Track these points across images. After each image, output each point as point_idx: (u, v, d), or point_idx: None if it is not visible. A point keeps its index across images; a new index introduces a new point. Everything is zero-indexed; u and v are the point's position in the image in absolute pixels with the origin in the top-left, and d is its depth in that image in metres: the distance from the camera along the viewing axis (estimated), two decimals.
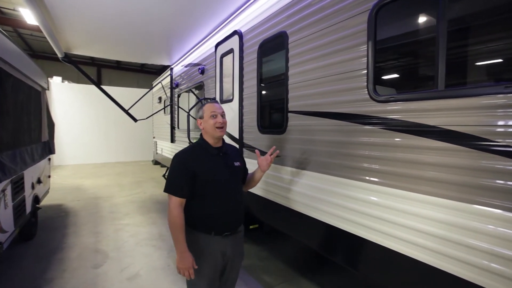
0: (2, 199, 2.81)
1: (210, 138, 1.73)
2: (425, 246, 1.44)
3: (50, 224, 4.71)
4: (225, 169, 1.72)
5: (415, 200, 1.48)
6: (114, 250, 3.71)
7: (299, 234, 2.47)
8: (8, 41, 3.23)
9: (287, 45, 2.40)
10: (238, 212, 1.76)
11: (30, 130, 4.03)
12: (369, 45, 1.70)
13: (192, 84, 4.69)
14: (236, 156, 1.87)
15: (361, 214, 1.79)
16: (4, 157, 2.87)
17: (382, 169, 1.65)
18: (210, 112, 1.72)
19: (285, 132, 2.44)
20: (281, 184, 2.54)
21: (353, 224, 1.85)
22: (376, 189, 1.68)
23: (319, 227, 2.16)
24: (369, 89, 1.71)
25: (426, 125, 1.43)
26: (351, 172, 1.85)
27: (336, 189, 1.98)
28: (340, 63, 1.92)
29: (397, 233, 1.57)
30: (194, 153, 1.70)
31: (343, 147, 1.92)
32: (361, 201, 1.79)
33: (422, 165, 1.45)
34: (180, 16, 3.49)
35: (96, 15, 3.51)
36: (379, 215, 1.66)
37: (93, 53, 5.46)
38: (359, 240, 1.80)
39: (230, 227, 1.70)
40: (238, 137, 3.15)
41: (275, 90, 2.69)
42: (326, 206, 2.07)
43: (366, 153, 1.75)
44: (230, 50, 3.33)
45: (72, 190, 7.26)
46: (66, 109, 11.75)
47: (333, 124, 1.98)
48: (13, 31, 11.87)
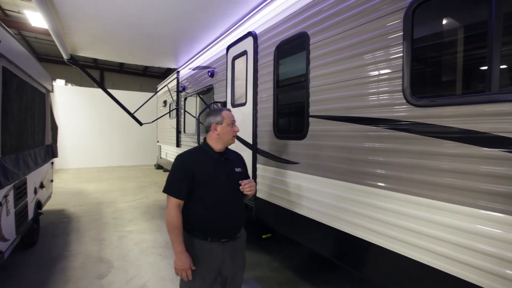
0: (4, 206, 2.66)
1: (218, 143, 1.75)
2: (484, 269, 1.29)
3: (52, 230, 4.56)
4: (225, 175, 1.71)
5: (464, 214, 1.34)
6: (119, 259, 3.55)
7: (319, 246, 2.33)
8: (14, 40, 3.12)
9: (308, 46, 2.29)
10: (237, 219, 1.74)
11: (34, 133, 3.91)
12: (405, 45, 1.58)
13: (200, 88, 4.58)
14: (238, 162, 1.86)
15: (397, 228, 1.64)
16: (7, 161, 2.74)
17: (422, 179, 1.51)
18: (230, 120, 1.75)
19: (306, 137, 2.31)
20: (299, 193, 2.40)
21: (387, 239, 1.70)
22: (415, 201, 1.54)
23: (343, 238, 2.02)
24: (405, 92, 1.58)
25: (475, 131, 1.30)
26: (384, 182, 1.71)
27: (364, 199, 1.83)
28: (370, 64, 1.79)
29: (449, 252, 1.43)
30: (196, 156, 1.72)
31: (371, 154, 1.79)
32: (395, 213, 1.65)
33: (469, 175, 1.32)
34: (190, 18, 3.39)
35: (103, 16, 3.42)
36: (419, 230, 1.52)
37: (98, 55, 5.36)
38: (395, 256, 1.65)
39: (228, 234, 1.69)
40: (252, 142, 3.01)
41: (294, 94, 2.57)
42: (352, 217, 1.93)
43: (401, 161, 1.61)
44: (243, 52, 3.22)
45: (75, 194, 7.10)
46: (69, 112, 11.66)
47: (361, 129, 1.84)
48: (18, 34, 11.83)
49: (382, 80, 1.72)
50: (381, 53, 1.72)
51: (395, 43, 1.63)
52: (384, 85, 1.71)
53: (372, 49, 1.78)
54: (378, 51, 1.74)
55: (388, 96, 1.68)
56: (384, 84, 1.71)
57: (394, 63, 1.64)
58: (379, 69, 1.74)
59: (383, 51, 1.71)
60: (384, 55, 1.70)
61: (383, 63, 1.71)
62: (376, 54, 1.76)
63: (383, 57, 1.71)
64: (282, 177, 2.59)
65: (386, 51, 1.69)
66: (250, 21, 3.12)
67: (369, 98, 1.80)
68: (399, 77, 1.61)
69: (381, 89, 1.72)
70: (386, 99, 1.70)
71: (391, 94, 1.67)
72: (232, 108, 3.46)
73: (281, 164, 2.61)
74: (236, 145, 3.35)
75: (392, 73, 1.66)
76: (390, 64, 1.67)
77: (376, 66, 1.76)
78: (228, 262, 1.71)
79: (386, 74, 1.70)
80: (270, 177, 2.77)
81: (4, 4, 9.85)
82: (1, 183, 2.53)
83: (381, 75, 1.72)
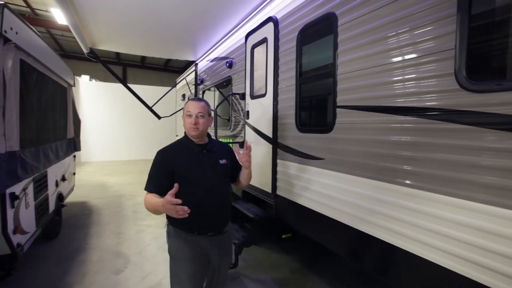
0: (23, 199, 2.66)
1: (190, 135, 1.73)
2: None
3: (74, 222, 4.64)
4: (207, 167, 1.69)
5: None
6: (136, 254, 3.51)
7: (345, 250, 2.10)
8: (34, 34, 3.10)
9: (336, 28, 2.03)
10: (222, 211, 1.74)
11: (55, 126, 3.94)
12: (460, 16, 1.30)
13: (218, 80, 4.42)
14: (223, 153, 1.81)
15: (440, 237, 1.39)
16: (26, 154, 2.73)
17: (476, 181, 1.24)
18: (186, 111, 1.70)
19: (332, 130, 2.07)
20: (324, 192, 2.18)
21: (431, 250, 1.45)
22: (470, 207, 1.28)
23: (373, 244, 1.78)
24: (457, 76, 1.31)
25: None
26: (429, 183, 1.45)
27: (403, 201, 1.58)
28: (410, 45, 1.52)
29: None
30: (175, 150, 1.71)
31: (411, 150, 1.53)
32: (442, 219, 1.39)
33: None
34: (208, 6, 3.22)
35: (120, 8, 3.33)
36: (479, 244, 1.25)
37: (117, 48, 5.34)
38: (441, 272, 1.40)
39: (214, 227, 1.69)
40: (272, 136, 2.81)
41: (319, 83, 2.33)
42: (385, 221, 1.69)
43: (451, 158, 1.35)
44: (263, 40, 3.00)
45: (97, 187, 7.28)
46: (93, 107, 12.01)
47: (400, 121, 1.58)
48: (46, 32, 12.31)
49: (426, 63, 1.45)
50: (426, 30, 1.44)
51: (447, 14, 1.35)
52: (429, 68, 1.44)
53: (414, 26, 1.51)
54: (421, 28, 1.47)
55: (435, 82, 1.41)
56: (429, 67, 1.44)
57: (444, 40, 1.37)
58: (422, 49, 1.46)
59: (430, 27, 1.43)
60: (431, 32, 1.42)
61: (428, 42, 1.44)
62: (419, 31, 1.48)
63: (428, 34, 1.43)
64: (305, 174, 2.38)
65: (433, 27, 1.41)
66: (271, 6, 2.89)
67: (409, 85, 1.53)
68: (450, 58, 1.34)
69: (425, 74, 1.45)
70: (431, 85, 1.43)
71: (439, 79, 1.39)
72: (251, 100, 3.26)
73: (304, 159, 2.39)
74: (254, 139, 3.17)
75: (440, 53, 1.38)
76: (438, 42, 1.39)
77: (417, 47, 1.49)
78: (215, 256, 1.72)
79: (431, 54, 1.42)
80: (291, 173, 2.56)
81: (34, 4, 10.24)
82: (19, 176, 2.51)
83: (425, 56, 1.45)
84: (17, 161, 2.49)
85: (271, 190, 2.87)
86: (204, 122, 1.69)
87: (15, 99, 2.48)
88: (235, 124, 3.80)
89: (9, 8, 2.34)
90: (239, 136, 3.66)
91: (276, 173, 2.80)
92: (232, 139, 3.90)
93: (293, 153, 2.53)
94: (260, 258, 3.45)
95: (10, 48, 2.39)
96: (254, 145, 3.23)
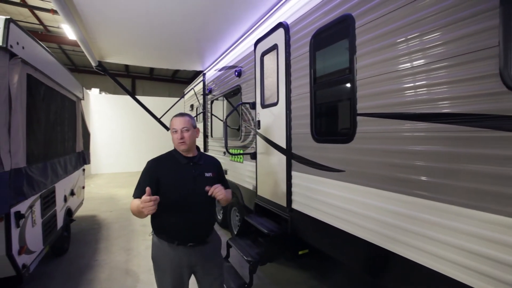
0: (29, 217, 2.57)
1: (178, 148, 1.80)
2: None
3: (83, 238, 4.55)
4: (191, 179, 1.74)
5: None
6: (145, 271, 3.37)
7: (370, 270, 1.91)
8: (41, 48, 3.08)
9: (354, 30, 1.90)
10: (203, 222, 1.78)
11: (64, 140, 3.89)
12: (503, 11, 1.15)
13: (227, 89, 4.33)
14: (210, 166, 1.87)
15: (487, 261, 1.21)
16: (33, 170, 2.66)
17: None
18: (172, 128, 1.79)
19: (353, 140, 1.92)
20: (345, 206, 2.01)
21: (471, 273, 1.27)
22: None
23: (402, 265, 1.60)
24: (503, 75, 1.15)
25: None
26: (471, 198, 1.28)
27: (437, 219, 1.41)
28: (445, 44, 1.37)
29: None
30: (163, 160, 1.80)
31: (445, 161, 1.37)
32: (487, 240, 1.21)
33: None
34: (215, 14, 3.15)
35: (127, 21, 3.30)
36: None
37: (125, 60, 5.34)
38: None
39: (194, 238, 1.72)
40: (286, 146, 2.66)
41: (336, 89, 2.19)
42: (416, 240, 1.50)
43: (496, 171, 1.18)
44: (273, 47, 2.89)
45: (106, 200, 7.23)
46: (103, 119, 12.14)
47: (435, 129, 1.42)
48: (58, 48, 12.64)
49: (463, 64, 1.29)
50: (463, 27, 1.29)
51: (487, 7, 1.20)
52: (467, 69, 1.28)
53: (447, 23, 1.36)
54: (456, 25, 1.32)
55: (475, 84, 1.25)
56: (467, 68, 1.28)
57: (485, 37, 1.21)
58: (457, 49, 1.31)
59: (467, 22, 1.28)
60: (468, 29, 1.27)
61: (465, 40, 1.29)
62: (453, 29, 1.33)
63: (465, 32, 1.28)
64: (323, 187, 2.21)
65: (471, 23, 1.26)
66: (280, 11, 2.79)
67: (443, 89, 1.38)
68: (494, 56, 1.18)
69: (462, 76, 1.30)
70: (470, 87, 1.27)
71: (479, 81, 1.24)
72: (261, 109, 3.14)
73: (321, 171, 2.23)
74: (266, 150, 3.03)
75: (481, 52, 1.23)
76: (477, 40, 1.24)
77: (451, 46, 1.34)
78: (197, 267, 1.75)
79: (469, 54, 1.27)
80: (308, 186, 2.40)
81: (46, 21, 10.54)
82: (25, 194, 2.43)
83: (461, 55, 1.30)
84: (23, 178, 2.41)
85: (286, 203, 2.70)
86: (189, 135, 1.77)
87: (22, 114, 2.42)
88: (246, 134, 3.67)
89: (15, 22, 2.30)
90: (250, 146, 3.53)
91: (291, 186, 2.64)
92: (242, 150, 3.77)
93: (309, 164, 2.37)
94: (275, 275, 3.25)
95: (17, 63, 2.34)
96: (266, 155, 3.09)
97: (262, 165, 3.19)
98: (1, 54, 2.18)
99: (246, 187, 3.66)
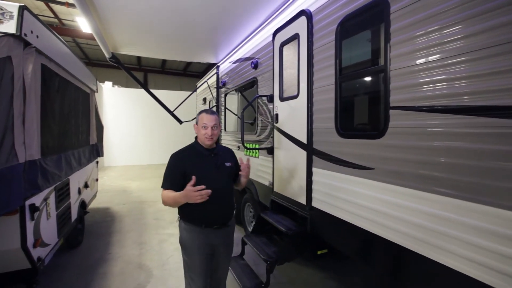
0: (44, 209, 2.54)
1: (201, 141, 1.95)
2: None
3: (97, 230, 4.56)
4: (214, 169, 1.91)
5: None
6: (158, 266, 3.33)
7: (403, 277, 1.77)
8: (56, 39, 3.02)
9: (388, 16, 1.73)
10: (226, 207, 1.96)
11: (78, 132, 3.87)
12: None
13: (242, 82, 4.20)
14: (228, 157, 2.05)
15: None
16: (47, 162, 2.62)
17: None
18: (202, 123, 1.91)
19: (384, 135, 1.76)
20: (374, 207, 1.86)
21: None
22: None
23: (444, 274, 1.45)
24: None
25: None
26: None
27: (490, 226, 1.25)
28: (501, 27, 1.20)
29: None
30: (186, 153, 1.93)
31: (497, 159, 1.21)
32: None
33: None
34: (231, 5, 3.02)
35: (141, 11, 3.20)
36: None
37: (139, 52, 5.27)
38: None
39: (218, 221, 1.91)
40: (306, 141, 2.53)
41: (366, 80, 2.03)
42: (460, 248, 1.36)
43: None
44: (294, 36, 2.74)
45: (119, 192, 7.28)
46: (116, 112, 12.24)
47: (485, 124, 1.26)
48: (72, 41, 12.75)
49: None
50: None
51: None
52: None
53: (503, 3, 1.19)
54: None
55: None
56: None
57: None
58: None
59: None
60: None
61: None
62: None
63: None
64: (349, 185, 2.07)
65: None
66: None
67: (499, 78, 1.21)
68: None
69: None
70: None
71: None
72: (280, 102, 3.00)
73: (346, 168, 2.09)
74: (284, 144, 2.90)
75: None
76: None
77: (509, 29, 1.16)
78: (219, 246, 1.94)
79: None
80: (330, 184, 2.27)
81: (61, 14, 10.60)
82: (39, 186, 2.39)
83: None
84: (37, 171, 2.37)
85: (305, 201, 2.58)
86: (217, 133, 1.93)
87: (36, 105, 2.36)
88: (262, 128, 3.55)
89: (29, 10, 2.23)
90: (267, 141, 3.40)
91: (312, 183, 2.51)
92: (258, 145, 3.65)
93: (332, 161, 2.23)
94: (291, 275, 3.15)
95: (31, 52, 2.27)
96: (284, 151, 2.96)
97: (279, 160, 3.07)
98: (15, 42, 2.11)
99: (261, 182, 3.55)
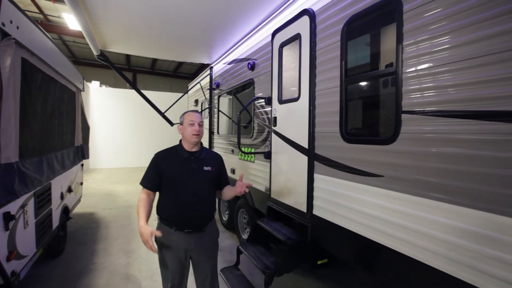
0: (20, 218, 2.31)
1: (186, 143, 1.95)
2: None
3: (80, 237, 4.29)
4: (191, 172, 1.90)
5: None
6: (147, 277, 3.12)
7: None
8: (39, 32, 2.81)
9: (401, 15, 1.64)
10: (200, 212, 1.91)
11: (62, 133, 3.62)
12: None
13: (237, 83, 4.06)
14: (211, 161, 2.00)
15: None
16: (26, 165, 2.39)
17: None
18: (189, 120, 1.92)
19: (395, 141, 1.66)
20: (383, 216, 1.76)
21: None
22: None
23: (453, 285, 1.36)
24: None
25: None
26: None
27: (505, 237, 1.16)
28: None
29: None
30: (167, 154, 1.95)
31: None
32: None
33: None
34: (227, 2, 2.89)
35: (133, 6, 3.03)
36: None
37: (129, 50, 5.04)
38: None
39: (190, 225, 1.87)
40: (308, 146, 2.41)
41: (374, 83, 1.93)
42: (484, 263, 1.26)
43: None
44: (295, 37, 2.63)
45: (105, 196, 6.96)
46: (103, 113, 11.83)
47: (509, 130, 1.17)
48: (58, 38, 12.28)
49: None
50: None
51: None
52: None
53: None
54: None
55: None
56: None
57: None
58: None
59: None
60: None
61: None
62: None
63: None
64: (354, 193, 1.96)
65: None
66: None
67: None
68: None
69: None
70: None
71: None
72: (279, 105, 2.88)
73: (352, 175, 1.98)
74: (283, 149, 2.78)
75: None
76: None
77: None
78: (193, 252, 1.91)
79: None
80: (334, 191, 2.15)
81: (46, 10, 10.19)
82: (16, 192, 2.16)
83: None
84: (14, 175, 2.15)
85: (306, 209, 2.45)
86: (203, 130, 1.96)
87: (14, 103, 2.15)
88: (258, 131, 3.42)
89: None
90: (263, 145, 3.27)
91: (313, 190, 2.39)
92: (254, 149, 3.51)
93: (336, 167, 2.12)
94: (287, 285, 3.01)
95: (10, 44, 2.07)
96: (282, 155, 2.83)
97: (277, 165, 2.94)
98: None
99: (257, 188, 3.41)
